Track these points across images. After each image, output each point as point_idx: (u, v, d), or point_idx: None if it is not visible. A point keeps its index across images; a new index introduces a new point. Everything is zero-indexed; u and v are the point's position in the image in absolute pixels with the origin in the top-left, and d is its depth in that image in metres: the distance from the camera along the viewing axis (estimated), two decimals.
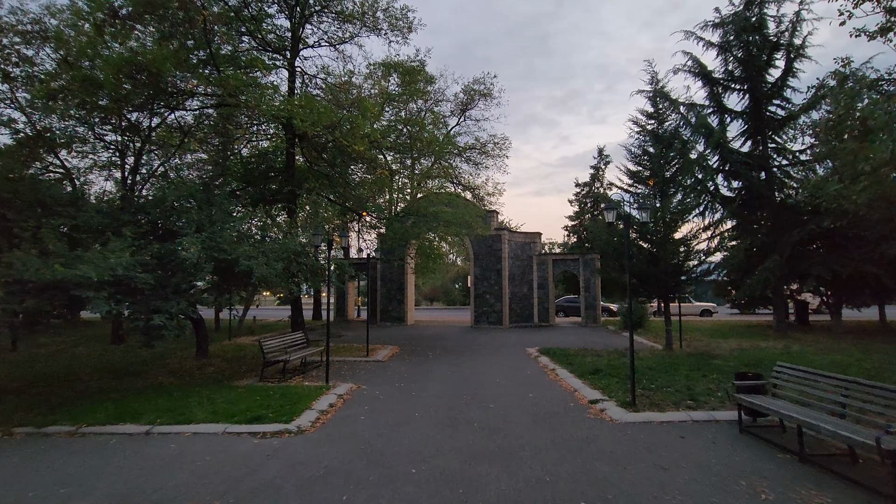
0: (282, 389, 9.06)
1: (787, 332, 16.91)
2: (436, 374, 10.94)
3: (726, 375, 9.88)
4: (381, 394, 8.98)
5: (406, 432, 6.53)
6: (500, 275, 22.63)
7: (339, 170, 17.08)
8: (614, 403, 7.69)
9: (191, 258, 8.44)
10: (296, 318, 15.76)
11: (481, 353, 14.32)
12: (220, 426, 6.80)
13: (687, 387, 8.81)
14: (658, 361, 11.77)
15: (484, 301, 22.88)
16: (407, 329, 22.39)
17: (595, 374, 10.21)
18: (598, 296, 22.76)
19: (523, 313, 23.42)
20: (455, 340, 17.84)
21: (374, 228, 25.09)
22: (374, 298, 25.39)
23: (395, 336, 19.48)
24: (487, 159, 31.53)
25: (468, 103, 31.90)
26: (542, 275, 23.60)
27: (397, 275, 24.53)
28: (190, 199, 10.72)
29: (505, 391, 9.02)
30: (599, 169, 27.88)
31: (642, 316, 19.88)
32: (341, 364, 12.58)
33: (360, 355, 13.91)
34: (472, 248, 23.26)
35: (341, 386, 9.47)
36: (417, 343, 17.14)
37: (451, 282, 56.02)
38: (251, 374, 11.01)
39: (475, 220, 17.39)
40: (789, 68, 17.39)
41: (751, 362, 11.37)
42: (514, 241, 23.42)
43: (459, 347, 15.85)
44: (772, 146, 17.91)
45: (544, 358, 12.97)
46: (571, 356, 12.92)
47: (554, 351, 13.93)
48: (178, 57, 11.82)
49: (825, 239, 16.04)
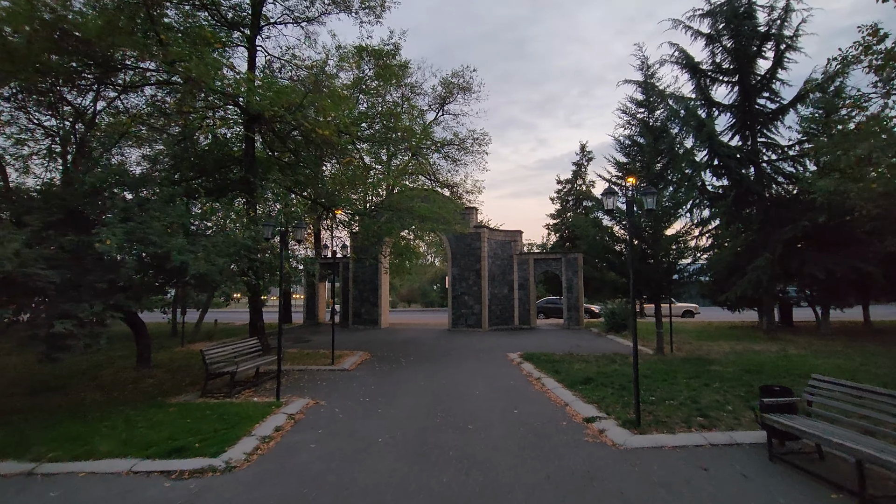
0: (222, 408, 7.63)
1: (776, 333, 16.24)
2: (407, 386, 9.64)
3: (729, 384, 8.91)
4: (341, 411, 7.64)
5: (365, 466, 5.24)
6: (479, 275, 21.47)
7: (304, 160, 15.64)
8: (614, 422, 6.55)
9: (108, 251, 6.95)
10: (254, 322, 14.22)
11: (459, 360, 13.09)
12: (128, 462, 5.36)
13: (691, 399, 7.76)
14: (652, 368, 10.75)
15: (462, 303, 21.68)
16: (380, 333, 20.99)
17: (586, 385, 9.09)
18: (580, 297, 21.83)
19: (503, 315, 22.31)
20: (431, 345, 16.57)
21: (347, 227, 23.68)
22: (345, 300, 23.90)
23: (367, 340, 18.09)
24: (466, 156, 30.41)
25: (446, 97, 30.77)
26: (523, 275, 22.54)
27: (371, 275, 23.11)
28: (121, 185, 9.18)
29: (486, 406, 7.80)
30: (582, 166, 27.06)
31: (627, 317, 18.98)
32: (301, 374, 11.16)
33: (324, 363, 12.51)
34: (450, 247, 22.04)
35: (295, 402, 8.09)
36: (390, 348, 15.80)
37: (429, 283, 54.73)
38: (194, 388, 9.52)
39: (453, 216, 16.20)
40: (779, 59, 16.77)
41: (752, 368, 10.47)
42: (494, 239, 22.31)
43: (435, 353, 14.59)
44: (761, 140, 17.27)
45: (528, 365, 11.83)
46: (557, 362, 11.81)
47: (538, 356, 12.81)
48: (113, 24, 10.26)
49: (818, 237, 15.40)
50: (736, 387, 8.62)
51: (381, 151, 21.00)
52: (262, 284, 15.16)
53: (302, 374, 11.25)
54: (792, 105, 16.95)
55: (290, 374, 11.11)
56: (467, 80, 29.86)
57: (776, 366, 10.82)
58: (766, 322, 16.57)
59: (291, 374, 11.23)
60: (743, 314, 22.93)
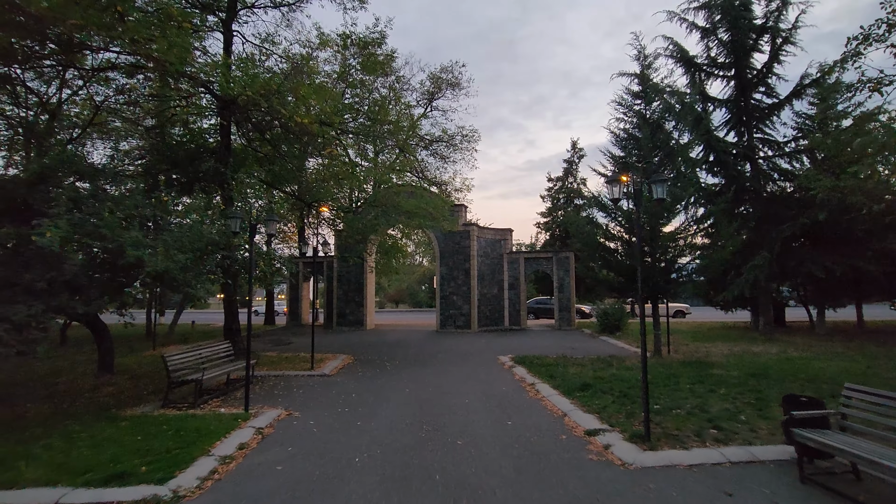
0: (182, 422, 6.81)
1: (772, 334, 15.81)
2: (391, 394, 8.90)
3: (736, 389, 8.34)
4: (316, 424, 6.88)
5: (337, 496, 4.50)
6: (468, 274, 20.78)
7: (285, 154, 14.79)
8: (620, 435, 5.89)
9: (48, 244, 6.09)
10: (228, 325, 13.33)
11: (447, 364, 12.38)
12: (56, 492, 4.55)
13: (699, 407, 7.14)
14: (652, 372, 10.14)
15: (451, 303, 20.97)
16: (365, 334, 20.19)
17: (584, 391, 8.44)
18: (572, 297, 21.27)
19: (493, 316, 21.66)
20: (418, 347, 15.83)
21: (332, 225, 22.83)
22: (329, 301, 23.05)
23: (351, 343, 17.28)
24: (455, 153, 29.71)
25: (435, 93, 30.10)
26: (514, 274, 21.92)
27: (356, 274, 22.29)
28: (74, 173, 8.29)
29: (476, 418, 7.10)
30: (573, 163, 26.48)
31: (620, 318, 18.46)
32: (277, 381, 10.34)
33: (303, 368, 11.70)
34: (439, 245, 21.32)
35: (265, 414, 7.30)
36: (375, 351, 15.03)
37: (417, 283, 53.97)
38: (156, 397, 8.66)
39: (441, 212, 15.47)
40: (775, 53, 16.35)
41: (756, 372, 9.93)
42: (483, 238, 21.64)
43: (422, 356, 13.86)
44: (757, 136, 16.85)
45: (520, 369, 11.16)
46: (551, 366, 11.16)
47: (530, 360, 12.15)
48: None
49: (816, 235, 14.99)
50: (744, 393, 8.04)
51: (368, 147, 20.20)
52: (241, 284, 14.32)
53: (278, 380, 10.44)
54: (789, 100, 16.56)
55: (265, 381, 10.29)
56: (456, 76, 29.23)
57: (780, 369, 10.30)
58: (762, 322, 16.14)
59: (266, 380, 10.41)
60: (735, 314, 22.62)
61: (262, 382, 10.14)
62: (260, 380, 10.39)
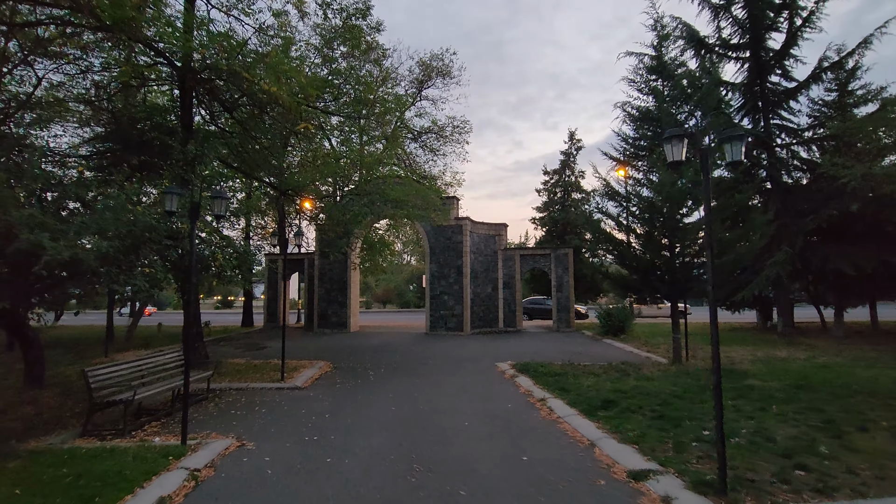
0: (91, 461, 5.14)
1: (792, 336, 14.56)
2: (373, 414, 7.31)
3: (790, 407, 6.94)
4: (272, 462, 5.27)
5: None
6: (460, 272, 19.24)
7: (257, 135, 13.09)
8: (678, 481, 4.39)
9: None
10: (188, 328, 11.54)
11: (440, 373, 10.82)
12: None
13: (761, 434, 5.69)
14: (678, 382, 8.73)
15: (441, 303, 19.41)
16: (349, 337, 18.52)
17: (608, 410, 6.96)
18: (571, 296, 19.87)
19: (487, 317, 20.15)
20: (406, 353, 14.23)
21: (313, 220, 21.11)
22: (311, 300, 21.32)
23: (332, 347, 15.62)
24: (446, 145, 28.20)
25: (424, 81, 28.51)
26: (509, 272, 20.44)
27: (339, 272, 20.59)
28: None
29: (481, 449, 5.56)
30: (571, 155, 24.96)
31: (625, 319, 17.10)
32: (238, 396, 8.68)
33: (273, 378, 10.04)
34: (429, 240, 19.74)
35: (208, 446, 5.66)
36: (358, 357, 13.40)
37: (405, 283, 52.29)
38: (80, 421, 6.95)
39: (431, 203, 13.93)
40: (794, 34, 15.11)
41: (798, 383, 8.55)
42: (477, 233, 20.12)
43: (411, 363, 12.27)
44: (775, 122, 15.60)
45: (524, 379, 9.65)
46: (560, 376, 9.67)
47: (534, 368, 10.64)
48: None
49: (841, 229, 13.71)
50: (804, 413, 6.62)
51: (353, 136, 18.48)
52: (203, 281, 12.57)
53: (239, 395, 8.77)
54: (807, 84, 15.35)
55: (223, 397, 8.62)
56: (447, 63, 27.64)
57: (824, 379, 8.95)
58: (781, 324, 14.89)
59: (225, 395, 8.74)
60: (738, 315, 21.50)
61: (218, 398, 8.47)
62: (217, 395, 8.71)
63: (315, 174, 14.45)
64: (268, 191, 17.03)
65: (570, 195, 24.61)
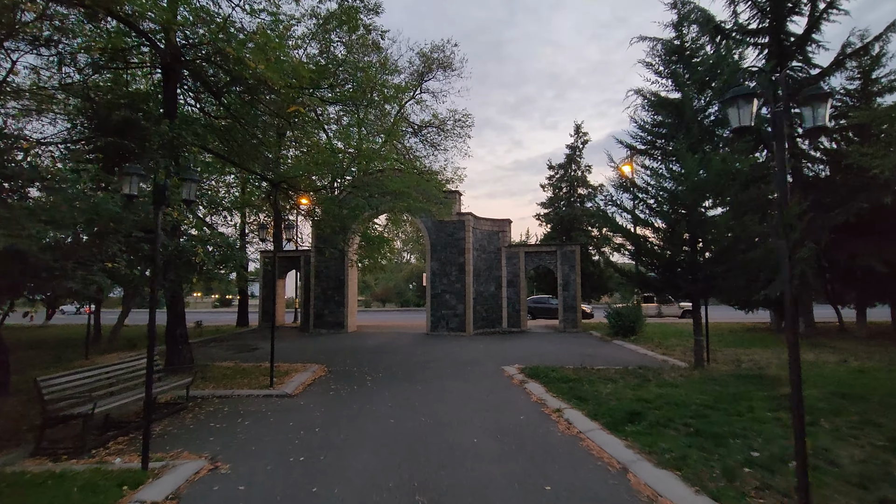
0: (33, 489, 4.32)
1: (813, 337, 13.75)
2: (369, 427, 6.49)
3: (837, 419, 6.13)
4: (249, 490, 4.44)
5: None
6: (462, 270, 18.41)
7: (246, 121, 12.26)
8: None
9: None
10: (171, 329, 10.74)
11: (443, 378, 10.00)
12: None
13: (819, 454, 4.87)
14: (705, 390, 7.91)
15: (443, 302, 18.58)
16: (346, 338, 17.69)
17: (635, 424, 6.13)
18: (578, 295, 19.05)
19: (490, 317, 19.34)
20: (406, 355, 13.41)
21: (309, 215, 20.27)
22: (307, 300, 20.50)
23: (328, 349, 14.80)
24: (447, 139, 27.42)
25: (425, 73, 27.69)
26: (513, 270, 19.62)
27: (336, 270, 19.77)
28: None
29: (494, 474, 4.74)
30: (577, 149, 24.05)
31: (636, 320, 16.28)
32: (220, 405, 7.86)
33: (261, 385, 9.21)
34: (430, 237, 18.91)
35: (176, 470, 4.83)
36: (354, 360, 12.58)
37: (405, 281, 51.50)
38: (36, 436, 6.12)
39: (432, 196, 13.12)
40: (816, 19, 14.29)
41: (840, 391, 7.73)
42: (479, 229, 19.29)
43: (411, 367, 11.45)
44: (796, 111, 14.75)
45: (535, 386, 8.83)
46: (574, 382, 8.86)
47: (545, 373, 9.83)
48: None
49: (869, 223, 12.89)
50: (860, 427, 5.81)
51: (352, 128, 17.58)
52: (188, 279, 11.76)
53: (222, 403, 7.96)
54: (829, 71, 14.54)
55: (204, 406, 7.80)
56: (448, 56, 26.86)
57: (866, 386, 8.13)
58: (803, 325, 14.08)
59: (206, 404, 7.92)
60: (754, 315, 20.69)
61: (199, 408, 7.65)
62: (198, 404, 7.90)
63: (311, 166, 13.65)
64: (262, 184, 16.20)
65: (575, 190, 23.75)
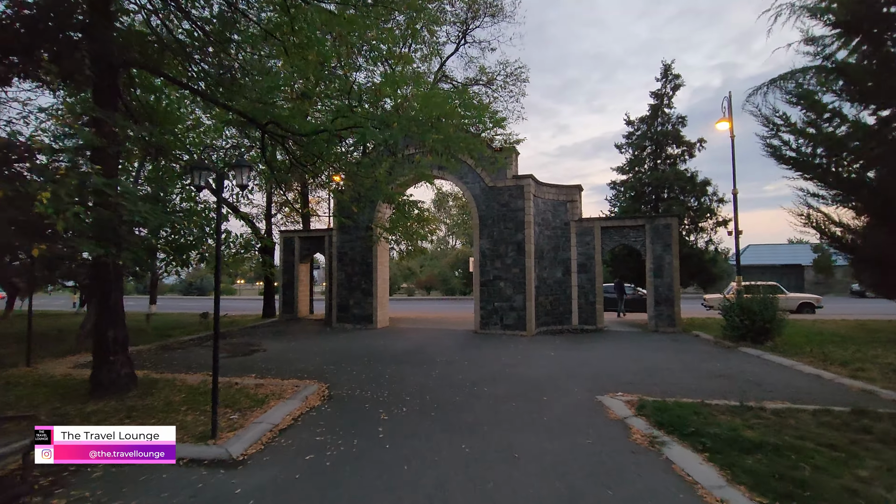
0: None
1: None
2: None
3: None
4: None
5: None
6: (521, 250, 14.21)
7: (226, 43, 8.56)
8: None
9: None
10: (102, 330, 7.30)
11: (503, 421, 5.96)
12: None
13: None
14: None
15: (496, 291, 14.49)
16: (372, 337, 14.02)
17: None
18: (676, 283, 14.36)
19: (555, 310, 15.06)
20: (446, 367, 9.47)
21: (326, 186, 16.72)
22: (329, 288, 17.04)
23: (345, 352, 11.15)
24: (496, 100, 23.02)
25: (470, 21, 23.42)
26: (586, 251, 15.19)
27: (362, 251, 16.11)
28: None
29: None
30: (664, 96, 18.82)
31: (772, 318, 11.51)
32: (97, 484, 4.21)
33: (197, 433, 5.54)
34: (478, 208, 14.81)
35: None
36: (372, 374, 8.80)
37: (450, 268, 47.67)
38: None
39: (476, 147, 8.99)
40: None
41: None
42: (542, 197, 14.96)
43: (453, 392, 7.49)
44: None
45: (684, 453, 4.65)
46: (747, 444, 4.61)
47: (684, 416, 5.58)
48: None
49: None
50: None
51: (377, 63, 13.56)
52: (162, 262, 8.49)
53: (99, 483, 4.33)
54: None
55: (72, 485, 4.20)
56: None
57: None
58: None
59: (77, 481, 4.32)
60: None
61: (52, 496, 4.05)
62: (42, 488, 4.30)
63: (313, 103, 9.98)
64: (231, 116, 12.65)
65: (663, 150, 18.70)
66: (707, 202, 17.60)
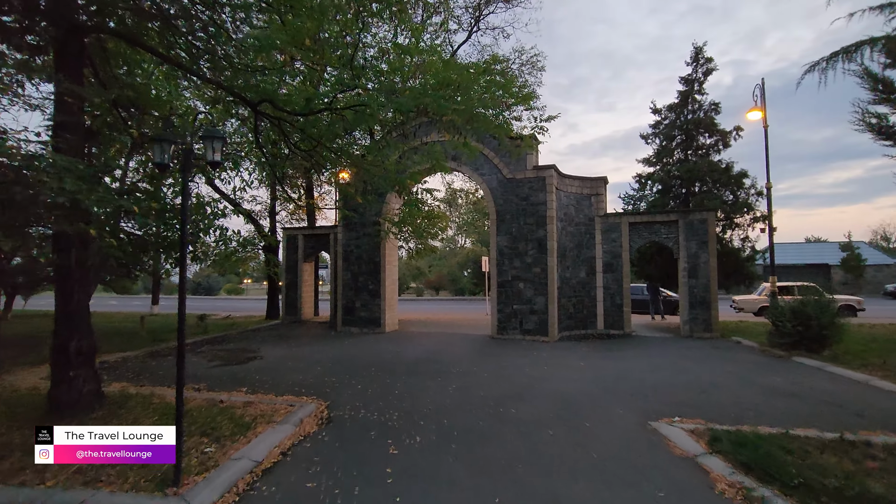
0: None
1: None
2: None
3: None
4: None
5: None
6: (542, 247, 12.99)
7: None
8: None
9: None
10: (63, 340, 6.21)
11: (542, 460, 4.78)
12: None
13: None
14: None
15: (514, 293, 13.28)
16: (380, 342, 12.88)
17: None
18: (713, 284, 13.03)
19: (578, 314, 13.82)
20: (464, 382, 8.29)
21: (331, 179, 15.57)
22: (334, 288, 15.95)
23: (350, 362, 10.01)
24: None
25: (482, 6, 22.24)
26: (612, 249, 13.92)
27: (369, 250, 14.98)
28: None
29: None
30: (696, 82, 17.39)
31: (830, 324, 10.18)
32: None
33: (157, 481, 4.43)
34: (495, 201, 13.61)
35: None
36: (381, 389, 7.65)
37: (459, 267, 46.45)
38: None
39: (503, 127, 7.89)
40: None
41: None
42: (564, 190, 13.71)
43: (475, 415, 6.30)
44: None
45: None
46: (874, 501, 3.37)
47: (757, 447, 4.38)
48: None
49: None
50: None
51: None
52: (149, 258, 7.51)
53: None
54: None
55: None
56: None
57: None
58: None
59: None
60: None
61: None
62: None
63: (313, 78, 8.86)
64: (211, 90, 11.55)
65: (695, 139, 17.30)
66: (744, 196, 16.22)
